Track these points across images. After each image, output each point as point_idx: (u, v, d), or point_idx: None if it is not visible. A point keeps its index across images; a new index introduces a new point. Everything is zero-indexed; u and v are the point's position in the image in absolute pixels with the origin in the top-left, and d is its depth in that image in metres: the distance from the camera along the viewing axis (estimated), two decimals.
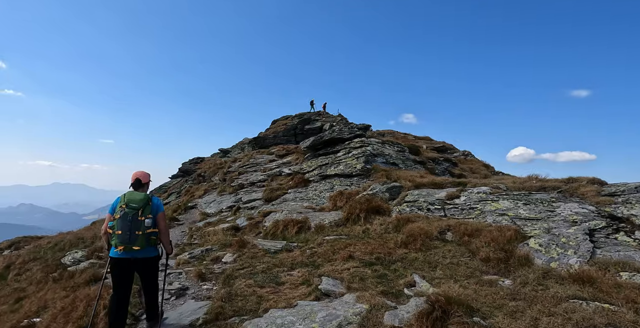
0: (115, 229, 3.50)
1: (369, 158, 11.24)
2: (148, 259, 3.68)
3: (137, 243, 3.46)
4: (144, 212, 3.56)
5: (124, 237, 3.44)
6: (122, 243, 3.45)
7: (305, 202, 10.57)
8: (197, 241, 9.56)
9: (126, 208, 3.52)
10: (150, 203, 3.67)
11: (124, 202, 3.58)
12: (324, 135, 12.72)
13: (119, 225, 3.48)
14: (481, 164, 19.24)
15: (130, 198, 3.62)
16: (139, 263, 3.63)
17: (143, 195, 3.70)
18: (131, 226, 3.46)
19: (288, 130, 30.92)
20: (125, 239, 3.44)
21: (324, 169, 11.58)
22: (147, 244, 3.55)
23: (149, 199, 3.68)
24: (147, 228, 3.53)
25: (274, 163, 15.44)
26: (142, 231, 3.48)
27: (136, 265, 3.62)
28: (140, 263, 3.64)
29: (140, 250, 3.51)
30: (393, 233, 6.98)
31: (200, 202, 14.69)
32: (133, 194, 3.69)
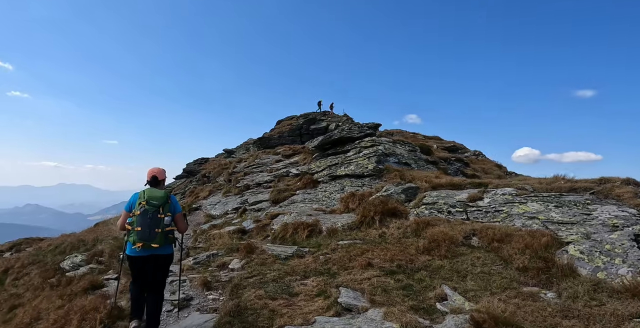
0: (134, 225, 3.47)
1: (380, 158, 10.74)
2: (165, 256, 3.68)
3: (156, 241, 3.45)
4: (164, 209, 3.56)
5: (143, 233, 3.42)
6: (141, 240, 3.42)
7: (314, 203, 10.09)
8: (201, 245, 9.11)
9: (146, 205, 3.50)
10: (169, 201, 3.67)
11: (144, 198, 3.55)
12: (332, 134, 12.24)
13: (139, 222, 3.45)
14: (493, 164, 18.66)
15: (151, 195, 3.59)
16: (155, 260, 3.62)
17: (163, 192, 3.69)
18: (151, 223, 3.44)
19: (293, 130, 30.56)
20: (145, 236, 3.41)
21: (334, 169, 11.10)
22: (165, 242, 3.55)
23: (168, 197, 3.68)
24: (167, 226, 3.53)
25: (280, 163, 14.98)
26: (161, 228, 3.48)
27: (152, 261, 3.61)
28: (156, 260, 3.62)
29: (158, 248, 3.52)
30: (412, 237, 6.48)
31: (204, 203, 14.26)
32: (153, 191, 3.67)
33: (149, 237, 3.43)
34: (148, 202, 3.53)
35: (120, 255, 7.74)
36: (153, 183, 3.84)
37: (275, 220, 9.31)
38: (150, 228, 3.43)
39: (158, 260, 3.65)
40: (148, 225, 3.44)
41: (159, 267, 3.71)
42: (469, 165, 17.21)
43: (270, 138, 30.41)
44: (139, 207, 3.52)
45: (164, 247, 3.59)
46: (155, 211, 3.51)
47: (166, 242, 3.58)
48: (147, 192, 3.67)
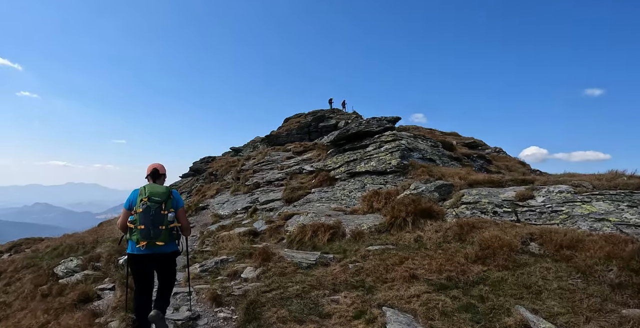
0: (137, 224, 3.31)
1: (404, 153, 9.78)
2: (169, 254, 3.52)
3: (161, 238, 3.31)
4: (167, 205, 3.42)
5: (147, 232, 3.27)
6: (145, 238, 3.27)
7: (332, 202, 9.17)
8: (209, 248, 8.25)
9: (148, 202, 3.34)
10: (171, 196, 3.52)
11: (145, 195, 3.38)
12: (349, 128, 11.30)
13: (142, 220, 3.30)
14: (516, 161, 17.59)
15: (152, 191, 3.42)
16: (160, 259, 3.46)
17: (164, 188, 3.55)
18: (154, 220, 3.30)
19: (302, 127, 30.00)
20: (148, 234, 3.27)
21: (352, 166, 10.16)
22: (169, 239, 3.42)
23: (170, 192, 3.53)
24: (171, 222, 3.40)
25: (292, 160, 14.09)
26: (165, 225, 3.34)
27: (157, 261, 3.45)
28: (161, 259, 3.46)
29: (163, 246, 3.37)
30: (455, 242, 5.52)
31: (212, 202, 13.42)
32: (154, 187, 3.50)
33: (153, 235, 3.27)
34: (150, 199, 3.35)
35: (118, 260, 6.91)
36: (154, 176, 3.69)
37: (289, 221, 8.42)
38: (153, 226, 3.28)
39: (160, 259, 3.47)
40: (151, 223, 3.28)
41: (165, 265, 3.56)
42: (491, 162, 16.18)
43: (279, 136, 29.75)
44: (140, 204, 3.34)
45: (168, 244, 3.44)
46: (158, 208, 3.34)
47: (171, 239, 3.44)
48: (149, 188, 3.47)
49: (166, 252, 3.46)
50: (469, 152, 15.62)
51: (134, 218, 3.34)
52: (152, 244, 3.30)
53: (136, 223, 3.30)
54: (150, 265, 3.46)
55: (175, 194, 3.61)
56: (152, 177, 3.69)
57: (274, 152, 17.05)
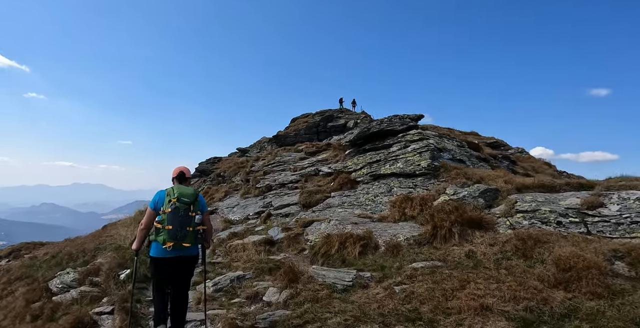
0: (165, 224, 3.27)
1: (434, 153, 8.87)
2: (192, 257, 3.52)
3: (187, 240, 3.30)
4: (194, 207, 3.40)
5: (175, 232, 3.24)
6: (172, 239, 3.23)
7: (356, 208, 8.29)
8: (221, 259, 7.41)
9: (177, 203, 3.31)
10: (198, 199, 3.50)
11: (174, 195, 3.36)
12: (370, 127, 10.42)
13: (170, 220, 3.27)
14: (542, 162, 16.58)
15: (182, 192, 3.41)
16: (183, 262, 3.42)
17: (193, 190, 3.52)
18: (182, 221, 3.28)
19: (310, 127, 29.46)
20: (176, 235, 3.24)
21: (376, 168, 9.27)
22: (195, 241, 3.41)
23: (197, 195, 3.51)
24: (197, 224, 3.38)
25: (305, 161, 13.23)
26: (192, 227, 3.33)
27: (179, 263, 3.40)
28: (183, 262, 3.43)
29: (189, 248, 3.37)
30: (517, 260, 4.62)
31: (221, 205, 12.59)
32: (183, 188, 3.47)
33: (181, 236, 3.25)
34: (179, 200, 3.33)
35: (119, 275, 6.08)
36: (180, 179, 3.68)
37: (309, 229, 7.55)
38: (181, 227, 3.26)
39: (185, 262, 3.46)
40: (179, 224, 3.26)
41: (186, 269, 3.54)
42: (516, 163, 15.23)
43: (286, 136, 29.12)
44: (169, 205, 3.31)
45: (192, 247, 3.43)
46: (186, 209, 3.33)
47: (196, 242, 3.44)
48: (177, 189, 3.43)
49: (189, 256, 3.44)
50: (494, 152, 14.69)
51: (162, 218, 3.29)
52: (178, 245, 3.26)
53: (164, 223, 3.25)
54: (172, 269, 3.40)
55: (201, 198, 3.58)
56: (179, 179, 3.68)
57: (285, 153, 16.20)
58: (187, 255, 3.41)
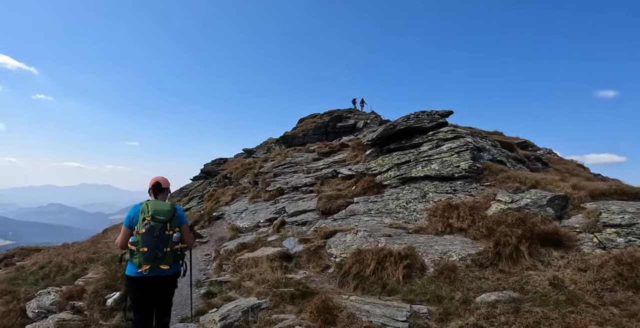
0: (139, 246, 2.94)
1: (474, 153, 7.70)
2: (172, 276, 3.19)
3: (165, 261, 2.97)
4: (172, 225, 3.06)
5: (150, 254, 2.92)
6: (148, 261, 2.93)
7: (385, 216, 7.14)
8: (229, 276, 6.31)
9: (152, 222, 2.97)
10: (176, 214, 3.13)
11: (148, 213, 2.99)
12: (396, 124, 9.25)
13: (145, 242, 2.93)
14: (575, 164, 15.26)
15: (157, 209, 3.04)
16: (162, 282, 3.11)
17: (169, 205, 3.16)
18: (159, 242, 2.95)
19: (319, 128, 28.58)
20: (152, 257, 2.92)
21: (406, 169, 8.10)
22: (174, 261, 3.07)
23: (175, 209, 3.15)
24: (176, 243, 3.05)
25: (320, 162, 12.10)
26: (170, 247, 3.00)
27: (159, 284, 3.10)
28: (163, 282, 3.11)
29: (168, 269, 3.04)
30: (625, 291, 3.46)
31: (228, 210, 11.50)
32: (158, 204, 3.11)
33: (157, 259, 2.93)
34: (154, 218, 2.98)
35: (105, 300, 4.99)
36: (156, 189, 3.33)
37: (332, 242, 6.42)
38: (158, 249, 2.93)
39: (165, 281, 3.13)
40: (156, 245, 2.93)
41: (166, 288, 3.19)
42: (548, 165, 13.96)
43: (294, 136, 28.23)
44: (143, 224, 2.97)
45: (172, 267, 3.09)
46: (162, 227, 2.99)
47: (175, 261, 3.09)
48: (152, 205, 3.06)
49: (169, 275, 3.14)
50: (526, 153, 13.45)
51: (136, 239, 2.98)
52: (155, 268, 2.97)
53: (138, 245, 2.95)
54: (152, 289, 3.10)
55: (179, 211, 3.23)
56: (154, 191, 3.34)
57: (297, 153, 15.09)
58: (166, 275, 3.09)
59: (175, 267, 3.17)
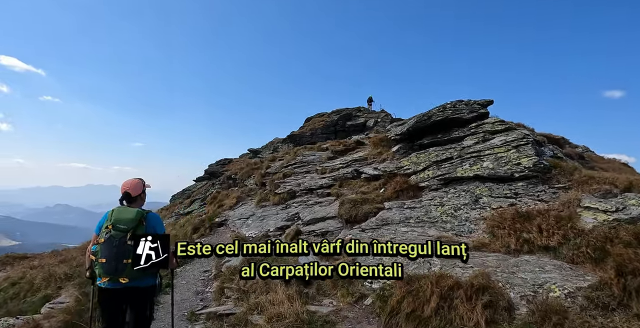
0: (98, 256, 2.70)
1: (537, 148, 6.25)
2: (141, 289, 2.78)
3: (125, 274, 2.65)
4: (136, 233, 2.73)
5: (108, 267, 2.64)
6: (107, 274, 2.66)
7: (428, 226, 5.69)
8: (232, 304, 4.91)
9: (112, 230, 2.72)
10: (144, 222, 2.79)
11: (110, 221, 2.76)
12: (431, 115, 7.79)
13: (103, 252, 2.68)
14: (619, 163, 13.70)
15: (118, 217, 2.77)
16: (129, 294, 2.75)
17: (134, 211, 2.82)
18: (117, 253, 2.65)
19: (327, 127, 27.39)
20: (111, 270, 2.64)
21: (449, 168, 6.63)
22: (138, 275, 2.69)
23: (143, 217, 2.81)
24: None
25: (336, 161, 10.66)
26: (131, 259, 2.65)
27: (125, 296, 2.76)
28: (130, 294, 2.75)
29: (129, 282, 2.68)
30: None
31: (231, 216, 10.11)
32: (122, 211, 2.83)
33: (116, 271, 2.63)
34: (114, 226, 2.72)
35: None
36: (126, 200, 2.93)
37: (364, 260, 4.99)
38: (117, 260, 2.63)
39: (133, 294, 2.75)
40: (114, 256, 2.63)
41: (134, 303, 2.80)
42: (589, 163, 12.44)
43: (302, 135, 27.02)
44: (104, 233, 2.72)
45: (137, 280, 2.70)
46: (123, 237, 2.70)
47: (141, 275, 2.71)
48: (116, 212, 2.81)
49: (138, 286, 2.73)
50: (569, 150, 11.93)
51: (96, 249, 2.74)
52: (114, 281, 2.66)
53: (97, 256, 2.69)
54: (118, 300, 2.76)
55: (151, 219, 2.84)
56: (123, 200, 2.93)
57: (308, 152, 13.67)
58: (132, 286, 2.68)
59: (142, 281, 2.78)
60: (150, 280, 2.85)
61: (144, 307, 2.89)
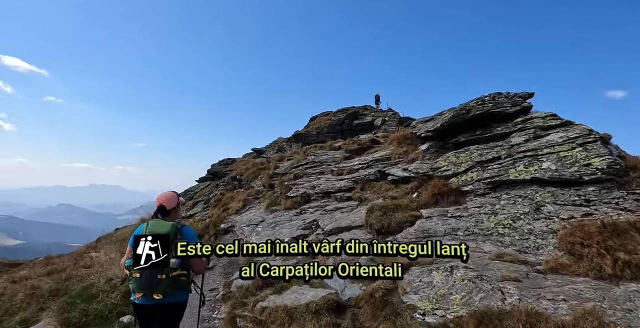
0: (132, 270, 2.54)
1: (607, 146, 5.28)
2: (173, 305, 2.67)
3: (159, 290, 2.51)
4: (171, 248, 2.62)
5: (142, 281, 2.51)
6: (141, 289, 2.53)
7: (481, 240, 4.72)
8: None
9: None
10: (178, 236, 2.67)
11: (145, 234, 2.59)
12: (470, 108, 6.82)
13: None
14: None
15: (153, 230, 2.62)
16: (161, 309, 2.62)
17: (169, 225, 2.67)
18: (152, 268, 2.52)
19: (334, 125, 26.59)
20: (145, 285, 2.51)
21: (498, 170, 5.64)
22: (172, 290, 2.56)
23: (177, 230, 2.68)
24: (173, 270, 2.54)
25: (354, 161, 9.68)
26: (165, 274, 2.52)
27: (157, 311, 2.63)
28: (161, 309, 2.62)
29: (162, 298, 2.55)
30: None
31: (239, 221, 9.15)
32: (157, 224, 2.67)
33: (150, 286, 2.50)
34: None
35: None
36: (161, 213, 2.80)
37: (409, 283, 4.03)
38: (151, 276, 2.49)
39: (164, 311, 2.63)
40: (150, 270, 2.49)
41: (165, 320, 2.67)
42: None
43: (308, 134, 26.17)
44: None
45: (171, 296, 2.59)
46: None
47: (175, 289, 2.58)
48: (150, 225, 2.67)
49: (168, 303, 2.60)
50: None
51: (130, 262, 2.58)
52: (149, 296, 2.54)
53: (131, 270, 2.55)
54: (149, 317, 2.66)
55: (186, 232, 2.74)
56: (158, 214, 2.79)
57: (320, 151, 12.70)
58: (165, 303, 2.58)
59: (175, 297, 2.62)
60: (183, 295, 2.74)
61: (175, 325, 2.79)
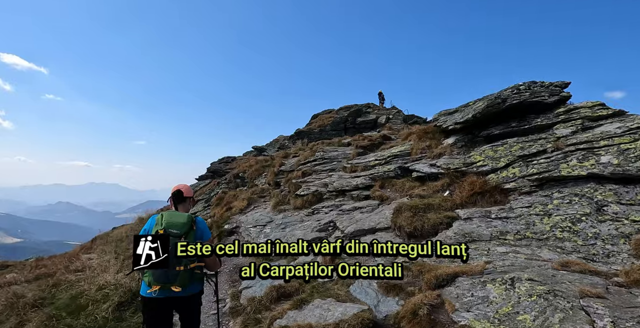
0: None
1: None
2: (190, 297, 2.65)
3: (178, 282, 2.49)
4: (188, 239, 2.58)
5: (160, 274, 2.46)
6: (158, 281, 2.48)
7: (536, 245, 4.02)
8: None
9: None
10: (194, 227, 2.66)
11: (161, 225, 2.57)
12: (505, 97, 6.11)
13: None
14: None
15: (170, 221, 2.59)
16: (179, 303, 2.62)
17: (186, 216, 2.67)
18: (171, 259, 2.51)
19: (336, 123, 26.27)
20: (162, 277, 2.47)
21: (546, 165, 4.92)
22: (190, 282, 2.57)
23: (193, 221, 2.68)
24: (192, 262, 2.56)
25: (370, 156, 8.96)
26: (184, 265, 2.51)
27: (175, 304, 2.62)
28: (180, 303, 2.62)
29: (181, 291, 2.53)
30: None
31: (244, 222, 8.43)
32: (173, 216, 2.66)
33: (168, 278, 2.47)
34: (166, 231, 2.54)
35: None
36: (176, 199, 2.87)
37: (455, 295, 3.35)
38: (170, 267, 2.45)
39: (182, 303, 2.62)
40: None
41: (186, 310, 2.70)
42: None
43: (310, 132, 25.73)
44: None
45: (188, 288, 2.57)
46: (175, 243, 2.49)
47: (192, 281, 2.60)
48: (166, 216, 2.64)
49: (186, 296, 2.59)
50: None
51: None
52: (166, 288, 2.48)
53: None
54: (167, 311, 2.61)
55: (199, 224, 2.74)
56: (174, 200, 2.87)
57: (329, 147, 11.99)
58: (184, 296, 2.56)
59: (193, 288, 2.63)
60: (199, 285, 2.72)
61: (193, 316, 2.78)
